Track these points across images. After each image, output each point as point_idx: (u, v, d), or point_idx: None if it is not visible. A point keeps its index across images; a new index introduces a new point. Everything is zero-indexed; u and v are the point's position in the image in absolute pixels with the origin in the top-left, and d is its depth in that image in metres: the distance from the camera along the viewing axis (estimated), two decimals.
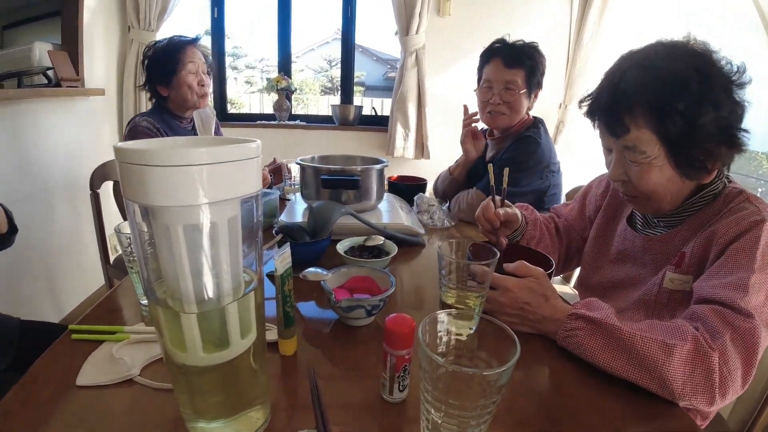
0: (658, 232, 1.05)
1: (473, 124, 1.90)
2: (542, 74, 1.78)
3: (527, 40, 1.77)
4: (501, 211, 1.17)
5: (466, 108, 1.92)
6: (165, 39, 1.93)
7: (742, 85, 0.86)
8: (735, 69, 0.86)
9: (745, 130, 0.88)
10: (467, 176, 1.98)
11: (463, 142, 1.92)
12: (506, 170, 1.17)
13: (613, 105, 0.92)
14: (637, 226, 1.12)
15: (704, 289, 0.84)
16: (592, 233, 1.26)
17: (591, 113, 1.00)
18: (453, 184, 1.99)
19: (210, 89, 2.03)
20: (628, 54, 0.95)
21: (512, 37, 1.77)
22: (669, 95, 0.85)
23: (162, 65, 1.88)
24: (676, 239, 0.99)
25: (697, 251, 0.93)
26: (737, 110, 0.86)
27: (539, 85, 1.79)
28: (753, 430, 1.12)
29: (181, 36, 1.95)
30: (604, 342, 0.78)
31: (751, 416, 1.13)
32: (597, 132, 1.03)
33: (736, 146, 0.88)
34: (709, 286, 0.84)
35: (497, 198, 1.21)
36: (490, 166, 1.20)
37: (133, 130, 1.83)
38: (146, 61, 1.92)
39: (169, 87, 1.91)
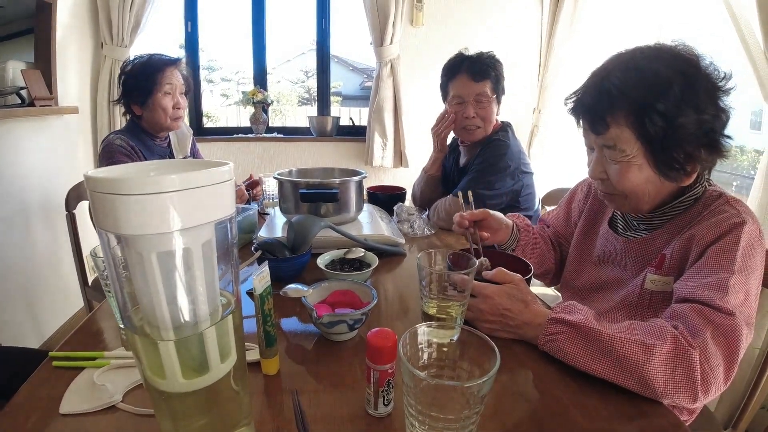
0: (638, 235, 1.06)
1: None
2: (504, 80, 1.83)
3: (499, 47, 1.82)
4: (466, 213, 1.22)
5: (446, 110, 1.90)
6: (145, 56, 1.88)
7: (727, 92, 0.88)
8: (722, 75, 0.88)
9: (728, 136, 0.89)
10: (442, 184, 2.01)
11: (440, 139, 1.92)
12: (468, 193, 1.29)
13: (596, 103, 0.94)
14: (618, 229, 1.13)
15: (684, 289, 0.86)
16: (575, 236, 1.27)
17: (575, 111, 1.01)
18: (430, 181, 2.02)
19: (186, 109, 2.00)
20: (615, 56, 0.96)
21: (483, 46, 1.82)
22: (650, 95, 0.86)
23: (138, 84, 1.83)
24: (656, 241, 1.01)
25: (677, 253, 0.94)
26: (721, 116, 0.87)
27: (503, 92, 1.85)
28: (740, 422, 1.14)
29: (161, 55, 1.90)
30: (584, 345, 0.79)
31: (737, 408, 1.15)
32: (574, 134, 1.04)
33: (718, 151, 0.90)
34: (689, 287, 0.85)
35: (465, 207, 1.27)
36: (461, 193, 1.30)
37: (107, 149, 1.79)
38: (123, 77, 1.87)
39: (143, 107, 1.86)
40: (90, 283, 2.05)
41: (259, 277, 0.74)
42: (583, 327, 0.80)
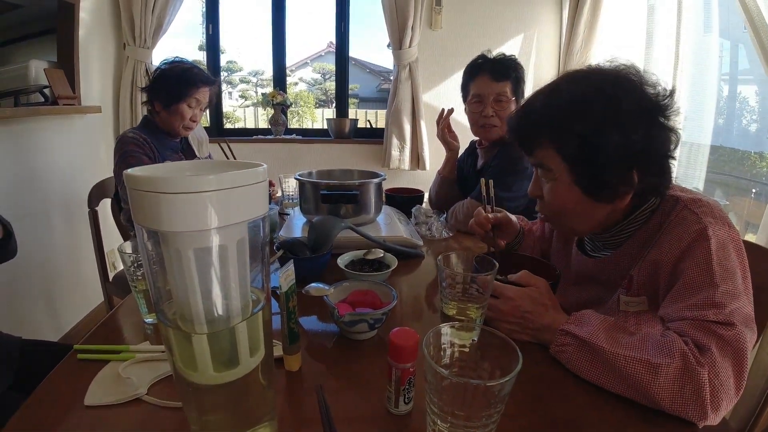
0: (604, 254, 1.05)
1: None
2: (524, 84, 1.85)
3: (518, 51, 1.82)
4: (490, 215, 1.26)
5: (442, 110, 1.95)
6: (188, 63, 1.96)
7: (671, 111, 0.87)
8: (663, 95, 0.87)
9: (672, 157, 0.89)
10: (460, 187, 2.02)
11: (442, 138, 1.97)
12: (490, 182, 1.30)
13: (522, 126, 0.98)
14: (586, 250, 1.12)
15: (673, 312, 0.83)
16: (552, 256, 1.28)
17: (509, 133, 1.04)
18: (445, 183, 2.04)
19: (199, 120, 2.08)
20: (550, 82, 0.99)
21: (502, 49, 1.83)
22: (567, 117, 0.88)
23: (170, 87, 1.90)
24: (622, 259, 0.99)
25: (644, 274, 0.93)
26: (659, 136, 0.86)
27: (523, 95, 1.85)
28: (754, 429, 1.13)
29: (202, 70, 1.98)
30: (591, 360, 0.79)
31: (752, 415, 1.14)
32: None
33: (656, 174, 0.89)
34: (676, 309, 0.82)
35: (487, 207, 1.30)
36: (483, 180, 1.31)
37: (120, 141, 1.90)
38: (159, 72, 1.94)
39: (164, 108, 1.93)
40: (111, 279, 2.08)
41: (285, 274, 0.76)
42: (589, 343, 0.79)
